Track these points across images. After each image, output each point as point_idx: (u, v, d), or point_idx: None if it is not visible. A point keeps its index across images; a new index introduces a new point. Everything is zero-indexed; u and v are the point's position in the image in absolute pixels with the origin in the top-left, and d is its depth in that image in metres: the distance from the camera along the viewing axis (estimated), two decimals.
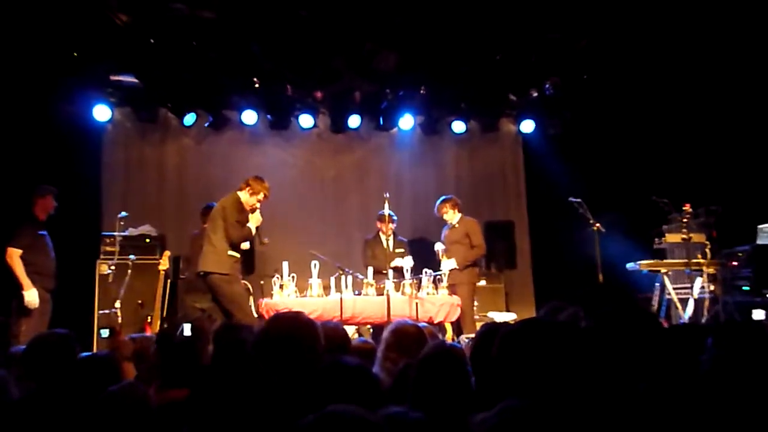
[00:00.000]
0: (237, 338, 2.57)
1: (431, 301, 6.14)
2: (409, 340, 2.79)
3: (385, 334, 2.87)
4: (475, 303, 6.98)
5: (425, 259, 7.08)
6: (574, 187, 7.41)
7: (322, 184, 8.96)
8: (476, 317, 6.91)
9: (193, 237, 6.94)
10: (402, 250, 7.06)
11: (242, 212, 5.48)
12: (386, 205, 6.29)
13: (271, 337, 2.07)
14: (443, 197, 6.86)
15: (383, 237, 7.00)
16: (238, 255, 5.49)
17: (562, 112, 8.89)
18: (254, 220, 5.59)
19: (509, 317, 7.59)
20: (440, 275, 6.35)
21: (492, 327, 2.67)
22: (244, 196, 5.57)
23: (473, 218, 6.80)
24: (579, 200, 6.85)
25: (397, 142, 9.16)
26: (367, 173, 9.20)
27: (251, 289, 6.08)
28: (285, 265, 6.15)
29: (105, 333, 4.37)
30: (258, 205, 5.63)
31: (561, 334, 1.58)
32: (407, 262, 6.61)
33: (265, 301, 6.07)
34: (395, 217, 7.00)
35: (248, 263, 7.64)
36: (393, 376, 2.43)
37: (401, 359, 2.67)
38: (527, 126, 9.15)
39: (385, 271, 6.33)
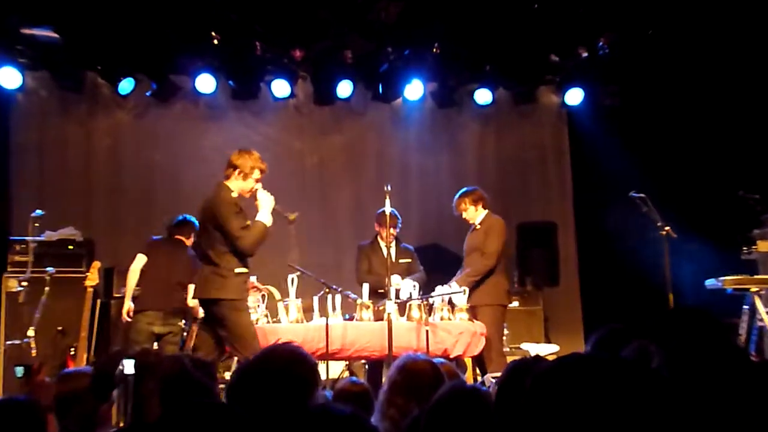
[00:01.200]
0: (194, 382, 2.58)
1: (446, 329, 6.15)
2: (422, 380, 2.80)
3: (391, 372, 2.89)
4: (505, 331, 6.98)
5: (438, 272, 7.10)
6: (637, 178, 7.41)
7: (302, 173, 8.99)
8: (506, 350, 6.92)
9: (152, 245, 6.90)
10: (408, 260, 7.05)
11: (241, 210, 5.45)
12: (387, 202, 6.26)
13: (259, 380, 2.10)
14: (463, 190, 6.82)
15: (383, 244, 7.00)
16: (246, 270, 5.48)
17: (619, 79, 8.92)
18: (265, 205, 5.51)
19: (549, 350, 7.57)
20: (457, 294, 6.34)
21: (525, 364, 2.67)
22: (235, 184, 5.47)
23: (499, 217, 6.78)
24: (643, 195, 6.86)
25: (401, 118, 9.19)
26: (362, 159, 9.20)
27: (276, 294, 6.06)
28: (252, 280, 6.15)
29: (19, 372, 4.33)
30: (258, 186, 5.56)
31: (621, 377, 1.52)
32: (406, 285, 6.56)
33: None
34: (399, 218, 7.00)
35: None
36: (401, 429, 2.44)
37: (411, 405, 2.69)
38: (574, 96, 9.18)
39: (382, 290, 6.35)
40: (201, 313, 6.92)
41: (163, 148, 8.70)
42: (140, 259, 6.72)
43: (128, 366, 2.72)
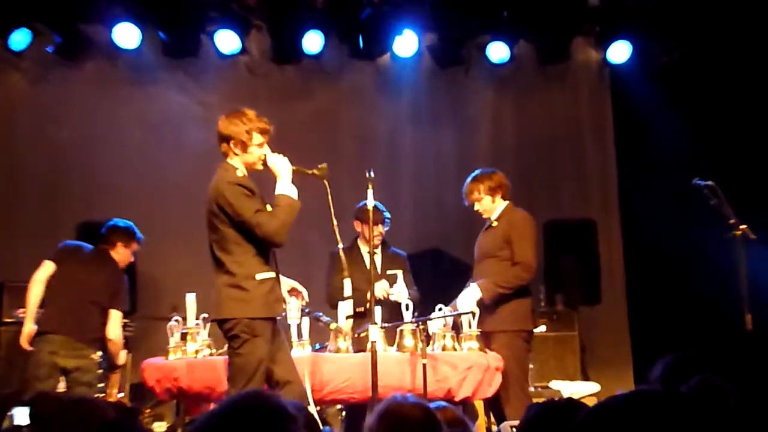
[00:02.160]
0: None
1: (450, 362, 6.10)
2: (411, 430, 2.79)
3: (371, 420, 2.86)
4: (530, 365, 6.97)
5: (438, 288, 7.07)
6: (703, 160, 7.40)
7: None
8: (530, 390, 6.90)
9: (65, 251, 6.92)
10: (398, 271, 7.01)
11: (253, 192, 5.40)
12: (370, 193, 6.21)
13: None
14: (478, 172, 6.73)
15: (365, 249, 6.97)
16: (273, 273, 5.42)
17: (678, 29, 8.89)
18: (283, 172, 5.50)
19: (588, 390, 7.53)
20: (465, 315, 6.32)
21: (553, 409, 2.66)
22: (236, 160, 5.44)
23: (525, 211, 6.76)
24: (711, 183, 6.84)
25: (389, 80, 9.18)
26: (336, 135, 9.18)
27: (306, 297, 6.06)
28: (191, 298, 6.11)
29: None
30: (266, 151, 5.51)
31: (686, 422, 1.52)
32: (400, 290, 6.55)
33: (150, 363, 6.02)
34: (387, 214, 6.98)
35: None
36: None
37: None
38: (619, 52, 9.18)
39: (362, 309, 6.29)
40: (122, 358, 6.91)
41: (71, 122, 8.64)
42: (47, 268, 6.69)
43: (20, 415, 2.68)
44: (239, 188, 5.31)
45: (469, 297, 6.35)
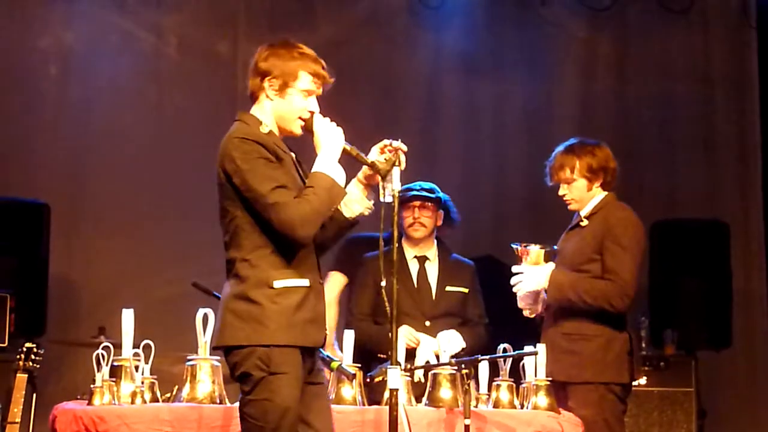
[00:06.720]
0: None
1: (506, 425, 6.13)
2: None
3: None
4: None
5: (495, 315, 7.17)
6: None
7: (232, 105, 8.76)
8: None
9: None
10: (462, 289, 7.24)
11: (277, 158, 5.17)
12: (395, 172, 6.14)
13: None
14: (573, 142, 6.75)
15: (410, 252, 7.16)
16: (306, 281, 5.22)
17: None
18: (329, 142, 5.25)
19: None
20: (527, 356, 6.31)
21: None
22: (268, 109, 5.31)
23: (629, 209, 6.70)
24: None
25: (430, 5, 9.22)
26: (349, 83, 8.94)
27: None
28: (127, 316, 6.04)
29: None
30: (313, 107, 5.31)
31: None
32: (450, 341, 6.66)
33: (64, 409, 5.94)
34: (447, 199, 7.10)
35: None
36: None
37: None
38: None
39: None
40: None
41: None
42: None
43: None
44: (255, 147, 5.07)
45: (541, 273, 6.43)
